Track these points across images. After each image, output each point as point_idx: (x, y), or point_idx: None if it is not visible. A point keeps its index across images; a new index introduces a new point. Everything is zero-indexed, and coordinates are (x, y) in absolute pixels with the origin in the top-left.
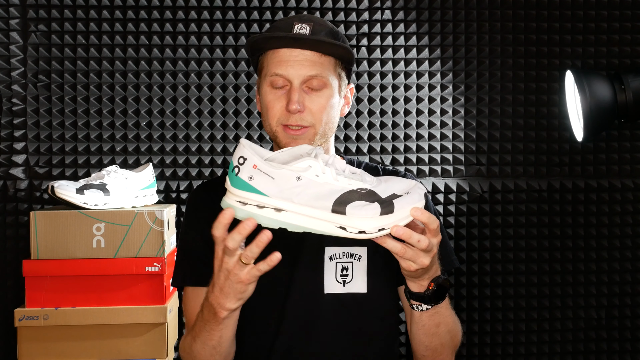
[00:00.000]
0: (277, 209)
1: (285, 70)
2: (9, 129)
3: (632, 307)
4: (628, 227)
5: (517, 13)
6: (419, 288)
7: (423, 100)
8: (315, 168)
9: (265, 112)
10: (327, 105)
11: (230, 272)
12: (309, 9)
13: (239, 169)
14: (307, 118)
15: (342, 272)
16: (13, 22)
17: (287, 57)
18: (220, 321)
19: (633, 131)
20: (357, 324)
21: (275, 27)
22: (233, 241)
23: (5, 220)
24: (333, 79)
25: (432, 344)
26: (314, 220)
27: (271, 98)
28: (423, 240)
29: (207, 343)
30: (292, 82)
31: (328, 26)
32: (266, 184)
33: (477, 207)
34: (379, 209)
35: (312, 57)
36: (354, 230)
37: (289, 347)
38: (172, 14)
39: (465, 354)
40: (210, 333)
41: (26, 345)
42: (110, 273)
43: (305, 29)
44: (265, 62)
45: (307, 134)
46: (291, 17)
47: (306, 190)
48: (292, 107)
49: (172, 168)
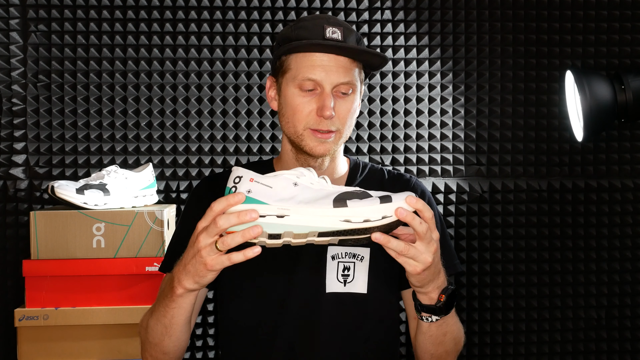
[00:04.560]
0: (279, 215)
1: (319, 75)
2: (9, 129)
3: (632, 307)
4: (628, 227)
5: (517, 13)
6: (429, 301)
7: (423, 100)
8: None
9: (290, 114)
10: (351, 109)
11: (199, 252)
12: (309, 9)
13: (236, 187)
14: (336, 123)
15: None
16: (13, 22)
17: (320, 62)
18: (175, 298)
19: (633, 131)
20: (356, 324)
21: (304, 27)
22: (226, 221)
23: (5, 220)
24: (359, 84)
25: (438, 352)
26: (318, 217)
27: (300, 101)
28: (424, 223)
29: (160, 320)
30: (325, 88)
31: (354, 30)
32: (265, 193)
33: (477, 207)
34: (377, 200)
35: (345, 63)
36: (359, 219)
37: (291, 345)
38: (172, 14)
39: (466, 354)
40: (165, 309)
41: (26, 345)
42: (110, 273)
43: (337, 34)
44: (294, 64)
45: (334, 138)
46: (319, 18)
47: (304, 194)
48: (327, 112)
49: (172, 168)
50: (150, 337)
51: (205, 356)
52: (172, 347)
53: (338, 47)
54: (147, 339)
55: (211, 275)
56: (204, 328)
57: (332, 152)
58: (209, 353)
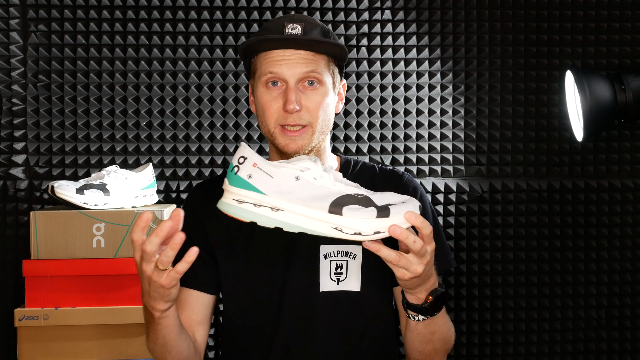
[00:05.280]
0: (273, 208)
1: (279, 68)
2: (9, 129)
3: (632, 307)
4: (628, 227)
5: (517, 13)
6: (416, 300)
7: (423, 100)
8: (314, 171)
9: (261, 114)
10: (322, 102)
11: (150, 278)
12: (309, 9)
13: (239, 167)
14: (305, 117)
15: (337, 270)
16: (13, 22)
17: (280, 57)
18: (158, 321)
19: (633, 131)
20: (351, 322)
21: (266, 28)
22: (151, 244)
23: (5, 220)
24: (327, 77)
25: (426, 350)
26: (310, 220)
27: (267, 99)
28: (418, 242)
29: (156, 342)
30: (288, 82)
31: (319, 25)
32: (265, 183)
33: (477, 207)
34: (375, 212)
35: (306, 55)
36: (350, 231)
37: (287, 345)
38: (172, 14)
39: (465, 354)
40: (155, 333)
41: (26, 345)
42: (110, 273)
43: (297, 29)
44: (259, 63)
45: (306, 133)
46: (281, 18)
47: (304, 191)
48: (290, 106)
49: (172, 168)
50: (156, 356)
51: (205, 356)
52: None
53: (293, 41)
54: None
55: (174, 290)
56: None
57: (308, 148)
58: (209, 353)
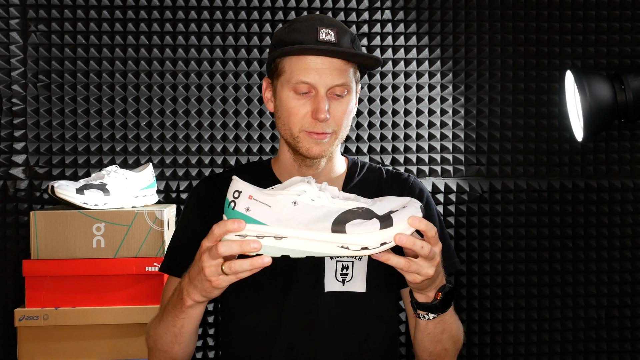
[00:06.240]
0: (277, 237)
1: (312, 78)
2: (9, 129)
3: (632, 307)
4: (628, 227)
5: (517, 13)
6: (426, 299)
7: (423, 100)
8: (310, 193)
9: (286, 117)
10: (347, 110)
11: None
12: (309, 9)
13: (235, 202)
14: (332, 124)
15: (343, 270)
16: (13, 22)
17: (314, 65)
18: (185, 309)
19: (633, 131)
20: (355, 322)
21: (297, 29)
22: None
23: (5, 220)
24: (354, 85)
25: (436, 350)
26: (315, 242)
27: (295, 104)
28: (426, 246)
29: (170, 329)
30: (319, 90)
31: (348, 30)
32: (264, 213)
33: (477, 207)
34: (378, 223)
35: (339, 65)
36: (357, 247)
37: (291, 345)
38: (172, 14)
39: (466, 354)
40: (174, 319)
41: (26, 345)
42: (110, 273)
43: (330, 35)
44: (288, 67)
45: (330, 139)
46: (312, 19)
47: (303, 214)
48: (321, 116)
49: (172, 168)
50: (160, 344)
51: (205, 356)
52: (182, 353)
53: (331, 51)
54: (155, 346)
55: (217, 291)
56: (204, 328)
57: (329, 153)
58: (209, 353)
